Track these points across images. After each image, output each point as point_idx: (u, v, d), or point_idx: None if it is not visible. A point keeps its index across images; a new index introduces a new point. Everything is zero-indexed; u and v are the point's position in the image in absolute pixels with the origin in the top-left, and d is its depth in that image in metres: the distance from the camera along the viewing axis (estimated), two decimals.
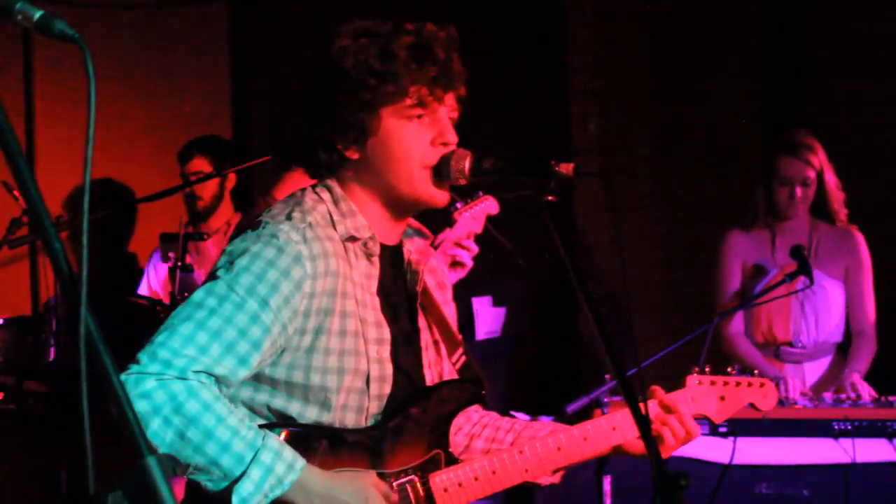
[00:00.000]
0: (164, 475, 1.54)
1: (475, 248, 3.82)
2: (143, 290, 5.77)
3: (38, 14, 1.63)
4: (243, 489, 2.27)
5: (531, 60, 6.56)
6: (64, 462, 4.74)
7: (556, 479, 2.74)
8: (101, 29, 6.35)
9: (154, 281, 5.79)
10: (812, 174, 4.84)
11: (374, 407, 2.47)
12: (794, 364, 4.92)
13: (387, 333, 2.49)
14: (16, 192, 4.70)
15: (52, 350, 4.86)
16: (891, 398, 4.41)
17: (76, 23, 1.63)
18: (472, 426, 2.74)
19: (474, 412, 2.77)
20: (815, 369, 4.92)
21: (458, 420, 2.71)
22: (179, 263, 4.90)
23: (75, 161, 5.84)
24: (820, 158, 4.85)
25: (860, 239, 4.94)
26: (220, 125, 6.65)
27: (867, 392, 4.55)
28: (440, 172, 2.47)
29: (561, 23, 6.58)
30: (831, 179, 4.88)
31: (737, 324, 4.99)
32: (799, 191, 4.84)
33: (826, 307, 4.89)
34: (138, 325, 4.74)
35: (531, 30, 6.59)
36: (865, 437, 4.27)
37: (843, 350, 4.99)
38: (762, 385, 2.89)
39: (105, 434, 2.29)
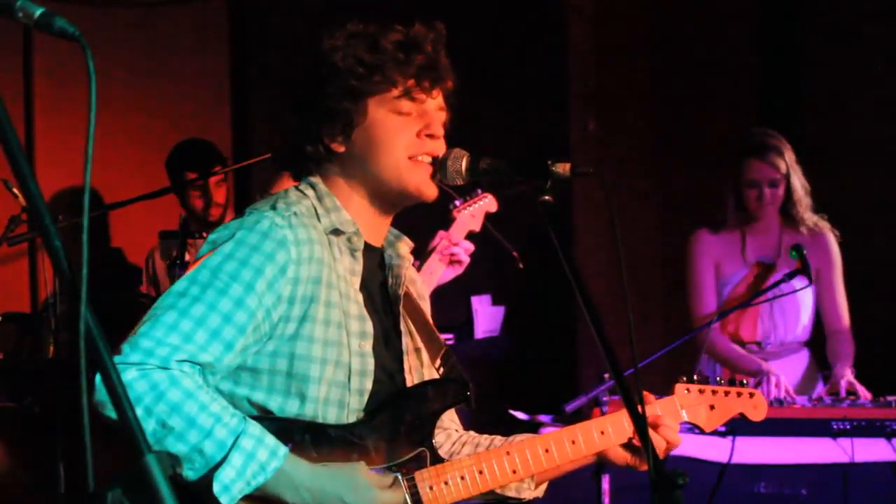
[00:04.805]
0: (164, 473, 1.54)
1: (471, 246, 3.81)
2: (147, 288, 5.77)
3: (38, 11, 1.63)
4: (224, 475, 2.23)
5: (530, 60, 6.57)
6: (62, 460, 4.74)
7: (540, 493, 2.72)
8: (100, 27, 6.35)
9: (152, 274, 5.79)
10: (779, 175, 4.80)
11: (356, 402, 2.44)
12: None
13: (370, 328, 2.48)
14: (15, 190, 4.70)
15: (51, 347, 4.86)
16: (889, 398, 4.42)
17: (76, 21, 1.63)
18: (451, 444, 2.72)
19: (455, 431, 2.75)
20: (782, 368, 4.90)
21: (439, 438, 2.70)
22: (178, 261, 4.90)
23: (75, 160, 5.86)
24: (787, 160, 4.80)
25: (831, 239, 4.90)
26: (219, 125, 6.66)
27: (863, 391, 4.55)
28: (436, 172, 2.48)
29: (560, 22, 6.59)
30: (798, 183, 4.83)
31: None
32: (767, 192, 4.80)
33: (794, 308, 4.88)
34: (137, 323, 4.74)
35: (530, 29, 6.60)
36: (864, 436, 4.27)
37: (811, 348, 4.97)
38: (751, 395, 2.90)
39: (104, 432, 2.30)
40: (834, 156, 6.01)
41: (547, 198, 2.32)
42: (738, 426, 4.23)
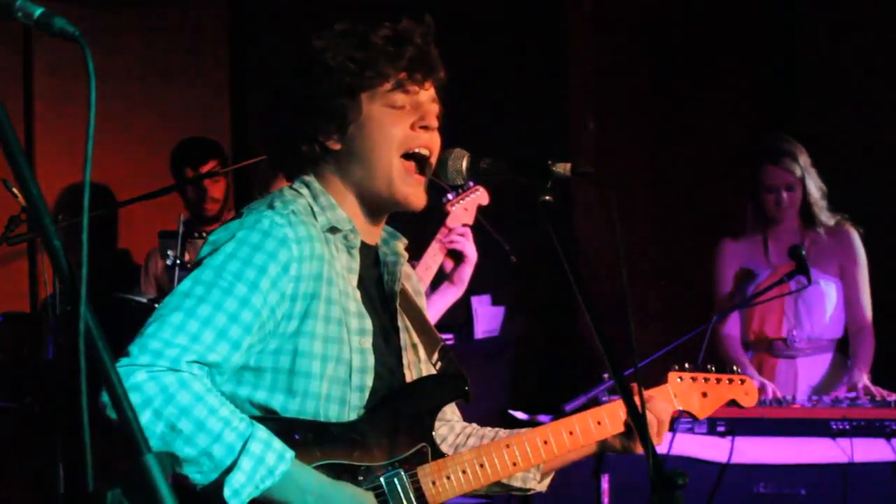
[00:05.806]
0: (163, 473, 1.54)
1: (467, 231, 3.80)
2: (144, 287, 5.77)
3: (38, 11, 1.64)
4: (235, 481, 2.23)
5: (530, 60, 6.57)
6: (62, 460, 4.74)
7: (544, 487, 2.76)
8: (100, 27, 6.35)
9: (152, 274, 5.79)
10: (794, 179, 4.88)
11: (356, 399, 2.45)
12: (787, 359, 4.93)
13: (369, 324, 2.48)
14: (15, 190, 4.70)
15: (51, 347, 4.86)
16: (889, 398, 4.42)
17: (76, 21, 1.63)
18: (455, 436, 2.74)
19: (457, 422, 2.77)
20: (809, 365, 4.93)
21: (442, 430, 2.73)
22: (178, 261, 4.90)
23: (75, 161, 5.86)
24: (802, 163, 4.89)
25: (854, 235, 4.96)
26: (219, 125, 6.66)
27: (880, 394, 4.56)
28: (435, 171, 2.49)
29: (560, 22, 6.59)
30: (813, 185, 4.91)
31: (732, 326, 5.02)
32: (785, 196, 4.90)
33: (820, 304, 4.91)
34: (138, 323, 4.73)
35: (530, 29, 6.60)
36: (863, 436, 4.27)
37: (843, 348, 5.01)
38: (743, 382, 2.96)
39: (104, 432, 2.29)
40: (833, 155, 6.00)
41: (547, 198, 2.32)
42: (738, 426, 4.24)
